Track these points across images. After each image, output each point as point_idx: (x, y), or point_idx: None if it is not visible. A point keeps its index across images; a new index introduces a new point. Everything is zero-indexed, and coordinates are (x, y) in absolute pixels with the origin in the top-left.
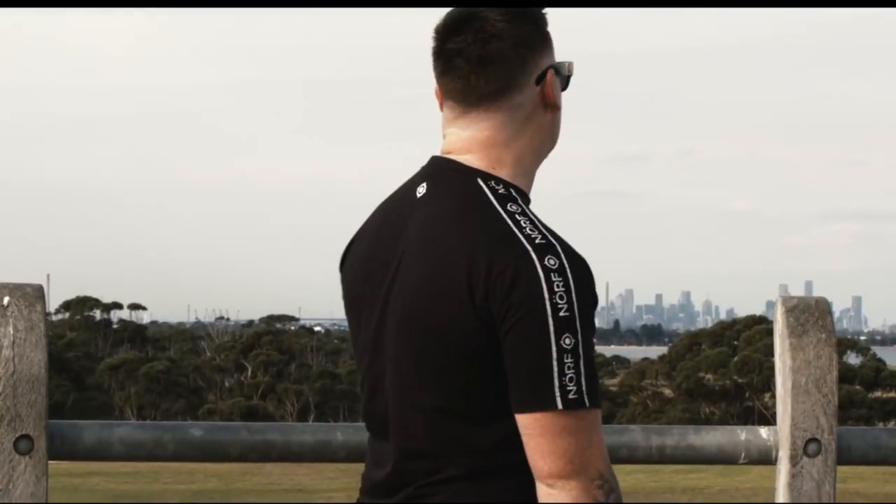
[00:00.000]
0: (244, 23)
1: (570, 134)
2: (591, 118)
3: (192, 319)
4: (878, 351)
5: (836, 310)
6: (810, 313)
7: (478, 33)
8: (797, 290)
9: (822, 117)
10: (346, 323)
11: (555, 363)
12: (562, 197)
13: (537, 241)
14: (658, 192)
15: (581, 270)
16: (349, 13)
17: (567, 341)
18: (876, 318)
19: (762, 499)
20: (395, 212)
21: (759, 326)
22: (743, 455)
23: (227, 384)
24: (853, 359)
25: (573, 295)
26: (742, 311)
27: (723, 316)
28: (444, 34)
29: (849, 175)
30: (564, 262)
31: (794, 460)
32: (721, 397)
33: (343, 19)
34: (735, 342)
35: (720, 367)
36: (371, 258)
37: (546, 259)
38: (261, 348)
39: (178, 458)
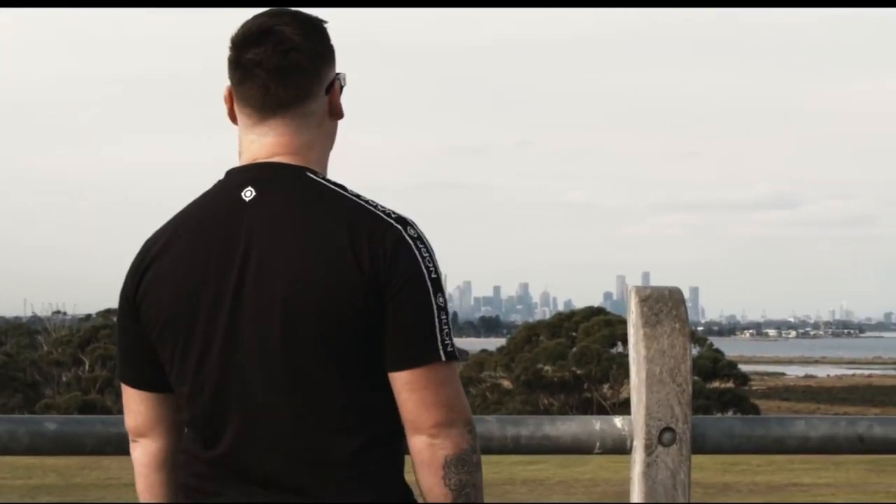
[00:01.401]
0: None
1: (408, 126)
2: (430, 110)
3: (29, 314)
4: (716, 341)
5: None
6: (664, 303)
7: (277, 45)
8: (634, 281)
9: (659, 109)
10: None
11: (436, 320)
12: (400, 189)
13: (393, 216)
14: (496, 184)
15: (427, 238)
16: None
17: (440, 300)
18: (713, 309)
19: (602, 489)
20: (218, 219)
21: (597, 318)
22: (598, 445)
23: (64, 379)
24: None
25: (434, 259)
26: (580, 303)
27: (560, 307)
28: (242, 45)
29: (684, 166)
30: (419, 231)
31: (648, 449)
32: (560, 388)
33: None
34: (573, 333)
35: (558, 359)
36: (198, 266)
37: (407, 230)
38: (98, 342)
39: (33, 452)
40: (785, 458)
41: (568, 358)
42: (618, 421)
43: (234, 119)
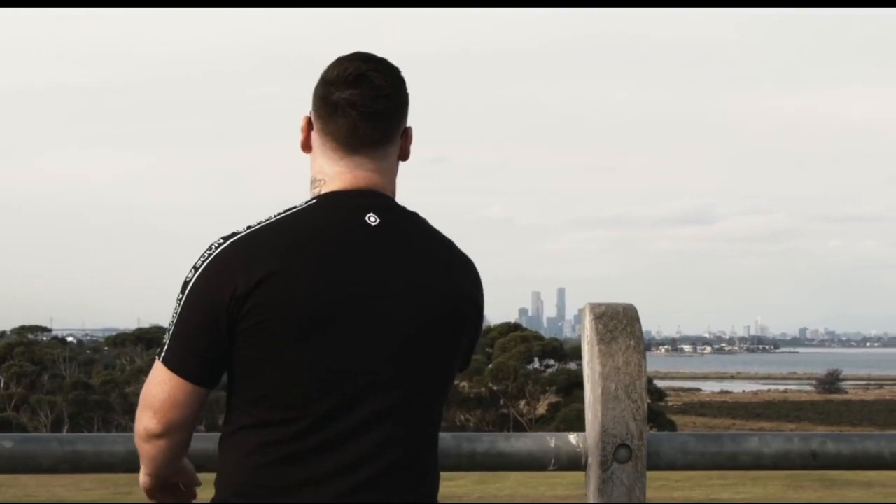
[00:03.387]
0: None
1: None
2: None
3: None
4: None
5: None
6: (619, 320)
7: (369, 90)
8: (550, 298)
9: (574, 124)
10: (97, 333)
11: None
12: None
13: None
14: (408, 200)
15: None
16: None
17: None
18: None
19: None
20: (348, 239)
21: (514, 333)
22: (553, 461)
23: None
24: None
25: None
26: (496, 319)
27: None
28: (336, 84)
29: (601, 181)
30: None
31: (604, 466)
32: (477, 404)
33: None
34: (489, 349)
35: (475, 375)
36: (330, 281)
37: None
38: (13, 359)
39: None
40: (703, 473)
41: (484, 374)
42: (572, 437)
43: (307, 147)
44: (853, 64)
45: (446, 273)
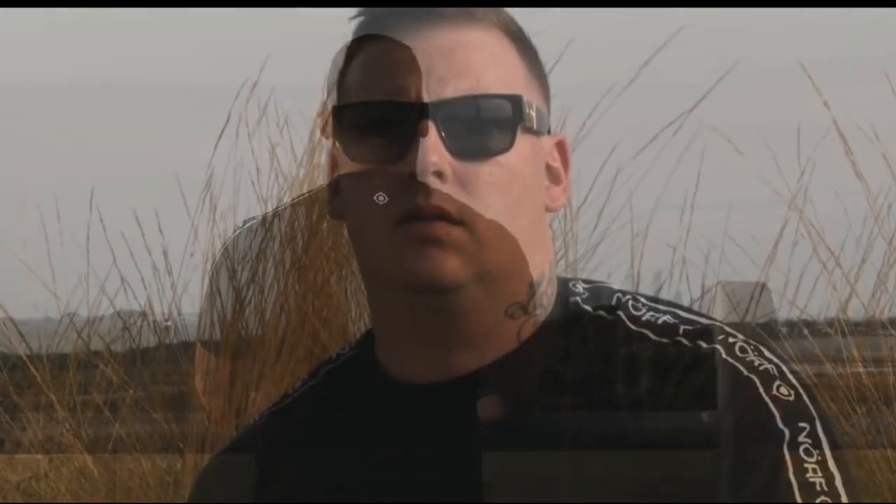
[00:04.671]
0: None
1: None
2: None
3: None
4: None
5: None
6: (750, 296)
7: None
8: (646, 280)
9: (660, 109)
10: (192, 318)
11: None
12: None
13: None
14: None
15: None
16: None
17: None
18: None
19: None
20: None
21: None
22: None
23: None
24: None
25: None
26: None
27: None
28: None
29: (692, 165)
30: None
31: None
32: None
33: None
34: None
35: None
36: None
37: None
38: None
39: None
40: None
41: None
42: (703, 416)
43: (326, 132)
44: None
45: None
